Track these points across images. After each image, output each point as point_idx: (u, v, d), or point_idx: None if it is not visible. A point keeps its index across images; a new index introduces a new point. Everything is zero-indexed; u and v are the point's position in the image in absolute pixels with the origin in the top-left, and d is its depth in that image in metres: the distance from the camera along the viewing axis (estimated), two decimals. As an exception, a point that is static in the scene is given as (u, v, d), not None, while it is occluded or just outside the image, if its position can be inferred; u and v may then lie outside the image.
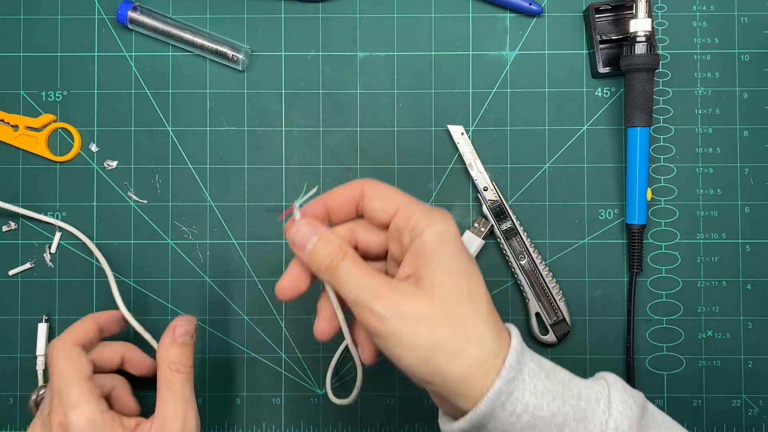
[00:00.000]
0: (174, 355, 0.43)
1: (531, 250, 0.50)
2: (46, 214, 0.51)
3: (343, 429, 0.51)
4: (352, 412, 0.51)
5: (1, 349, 0.51)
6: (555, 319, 0.50)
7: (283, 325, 0.51)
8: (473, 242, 0.49)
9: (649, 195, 0.50)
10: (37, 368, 0.50)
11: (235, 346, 0.51)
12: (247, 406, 0.51)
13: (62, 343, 0.43)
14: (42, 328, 0.50)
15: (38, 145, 0.51)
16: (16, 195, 0.51)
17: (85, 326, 0.45)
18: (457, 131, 0.50)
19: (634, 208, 0.49)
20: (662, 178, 0.51)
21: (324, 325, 0.39)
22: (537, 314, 0.50)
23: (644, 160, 0.49)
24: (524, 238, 0.50)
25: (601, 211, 0.51)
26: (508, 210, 0.50)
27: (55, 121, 0.51)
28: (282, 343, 0.51)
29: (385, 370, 0.51)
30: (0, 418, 0.51)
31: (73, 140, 0.51)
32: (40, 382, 0.50)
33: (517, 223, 0.50)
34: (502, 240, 0.50)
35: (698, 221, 0.51)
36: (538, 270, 0.50)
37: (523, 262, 0.50)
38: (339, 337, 0.51)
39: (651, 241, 0.51)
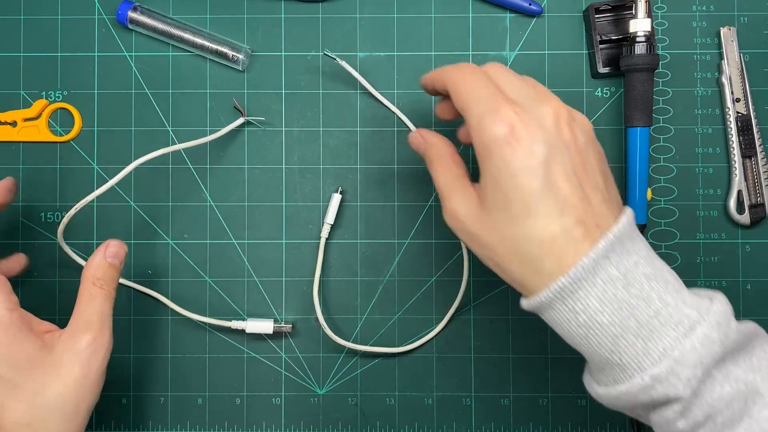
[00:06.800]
0: (101, 272, 0.42)
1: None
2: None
3: (343, 429, 0.51)
4: (352, 412, 0.51)
5: (1, 349, 0.51)
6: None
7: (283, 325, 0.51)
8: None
9: (649, 195, 0.50)
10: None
11: (235, 346, 0.51)
12: (247, 406, 0.51)
13: None
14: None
15: (40, 132, 0.51)
16: (17, 194, 0.51)
17: None
18: None
19: (635, 208, 0.49)
20: (662, 178, 0.51)
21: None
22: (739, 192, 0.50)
23: (644, 160, 0.49)
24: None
25: (601, 211, 0.51)
26: None
27: (50, 104, 0.51)
28: (282, 343, 0.51)
29: (385, 371, 0.51)
30: None
31: (73, 120, 0.51)
32: None
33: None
34: None
35: (698, 221, 0.51)
36: None
37: None
38: (337, 333, 0.51)
39: (651, 241, 0.51)
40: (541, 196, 0.34)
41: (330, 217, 0.50)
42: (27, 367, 0.39)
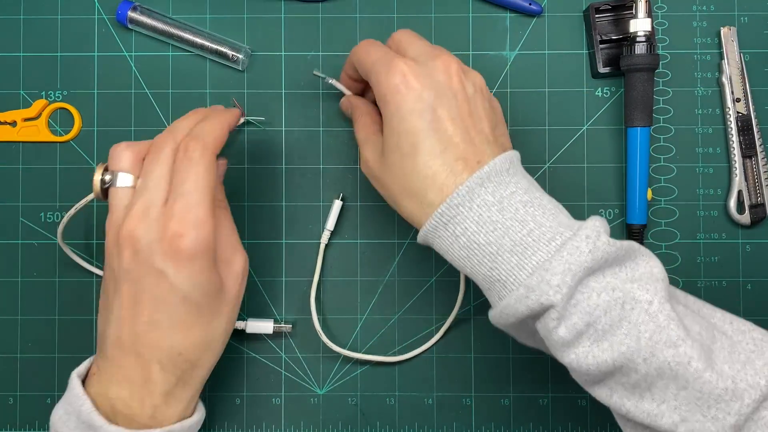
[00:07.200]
0: (219, 193, 0.44)
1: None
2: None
3: (343, 429, 0.51)
4: (352, 412, 0.51)
5: (2, 348, 0.51)
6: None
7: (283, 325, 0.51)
8: None
9: (649, 195, 0.50)
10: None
11: (235, 346, 0.51)
12: (247, 406, 0.51)
13: (209, 150, 0.39)
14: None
15: (40, 132, 0.51)
16: (16, 194, 0.51)
17: (223, 134, 0.41)
18: None
19: (635, 208, 0.49)
20: (662, 178, 0.51)
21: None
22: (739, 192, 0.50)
23: (644, 160, 0.49)
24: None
25: (602, 211, 0.51)
26: None
27: (50, 104, 0.51)
28: (282, 343, 0.51)
29: (385, 371, 0.51)
30: (0, 418, 0.51)
31: (73, 119, 0.51)
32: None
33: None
34: None
35: (698, 221, 0.51)
36: None
37: None
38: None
39: (651, 241, 0.51)
40: (426, 135, 0.37)
41: (330, 224, 0.50)
42: (212, 294, 0.40)
